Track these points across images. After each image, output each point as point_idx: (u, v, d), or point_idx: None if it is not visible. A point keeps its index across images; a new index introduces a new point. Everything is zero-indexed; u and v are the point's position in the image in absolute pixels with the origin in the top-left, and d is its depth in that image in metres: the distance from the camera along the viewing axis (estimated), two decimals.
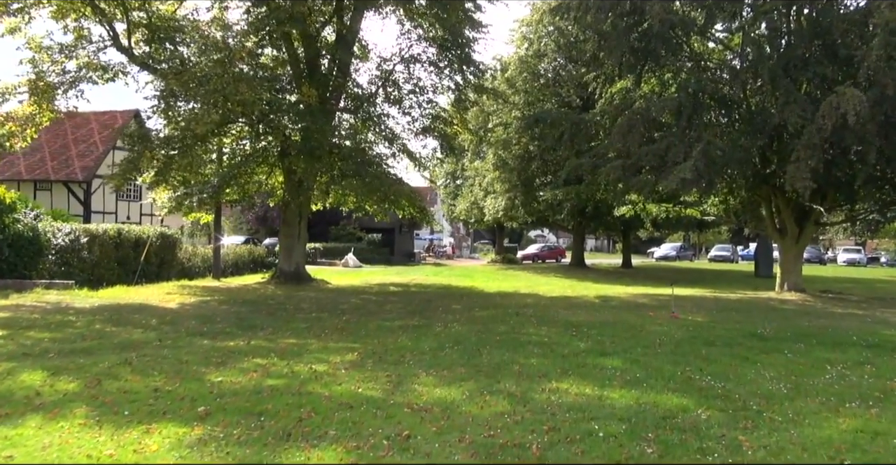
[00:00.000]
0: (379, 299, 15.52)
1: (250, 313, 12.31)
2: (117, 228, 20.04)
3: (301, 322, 11.19)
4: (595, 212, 29.42)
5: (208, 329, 9.98)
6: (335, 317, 12.00)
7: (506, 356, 8.03)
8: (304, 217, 20.47)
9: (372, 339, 9.30)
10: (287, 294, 16.33)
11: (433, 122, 19.24)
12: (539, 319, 11.75)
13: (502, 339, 9.38)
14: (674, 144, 14.95)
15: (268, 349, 8.21)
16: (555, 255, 48.86)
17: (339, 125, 19.67)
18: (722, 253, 53.52)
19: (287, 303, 14.06)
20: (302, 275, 20.31)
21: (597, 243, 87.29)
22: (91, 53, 16.37)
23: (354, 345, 8.73)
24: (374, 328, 10.48)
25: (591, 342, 9.24)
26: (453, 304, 14.62)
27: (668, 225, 32.13)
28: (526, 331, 10.26)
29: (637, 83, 16.81)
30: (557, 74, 30.26)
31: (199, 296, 15.33)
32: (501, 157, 28.84)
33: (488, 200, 31.48)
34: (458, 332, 10.03)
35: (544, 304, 14.49)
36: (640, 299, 16.03)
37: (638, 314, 12.66)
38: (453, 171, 44.31)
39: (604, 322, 11.35)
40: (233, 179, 17.75)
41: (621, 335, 9.90)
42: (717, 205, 20.56)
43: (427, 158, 20.76)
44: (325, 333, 9.95)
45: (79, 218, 26.82)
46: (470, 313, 12.78)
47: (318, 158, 15.29)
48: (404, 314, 12.54)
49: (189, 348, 8.21)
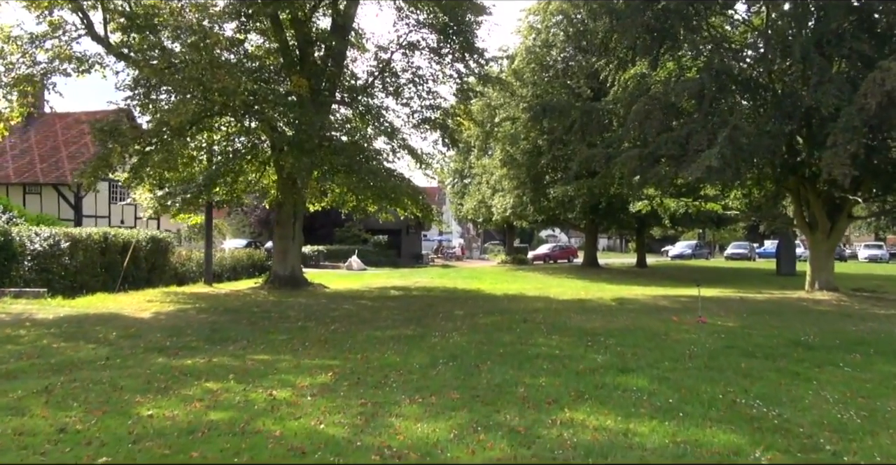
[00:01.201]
0: (375, 305, 14.28)
1: (229, 322, 11.11)
2: (103, 232, 18.93)
3: (282, 333, 9.97)
4: (608, 209, 27.99)
5: (171, 343, 8.77)
6: (322, 326, 10.76)
7: (509, 375, 6.74)
8: (300, 218, 19.27)
9: (355, 354, 8.04)
10: (277, 300, 15.12)
11: (434, 112, 17.96)
12: (549, 326, 10.44)
13: (506, 352, 8.08)
14: (695, 131, 13.57)
15: (228, 369, 6.97)
16: (566, 255, 47.41)
17: (334, 118, 18.45)
18: (739, 251, 51.71)
19: (273, 310, 12.84)
20: (298, 279, 19.11)
21: (609, 243, 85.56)
22: (64, 43, 15.23)
23: (332, 362, 7.47)
24: (361, 340, 9.22)
25: (609, 355, 7.93)
26: (456, 309, 13.34)
27: (685, 222, 30.61)
28: (534, 341, 8.96)
29: (653, 67, 15.43)
30: (567, 65, 28.87)
31: (180, 304, 14.17)
32: (509, 152, 27.51)
33: (496, 199, 30.15)
34: (457, 344, 8.74)
35: (555, 308, 13.17)
36: (661, 302, 14.66)
37: (660, 319, 11.32)
38: (461, 169, 43.02)
39: (623, 329, 10.03)
40: (220, 178, 16.56)
41: (644, 345, 8.57)
42: (740, 198, 19.06)
43: (430, 155, 19.40)
44: (305, 346, 8.71)
45: (69, 222, 25.85)
46: (473, 319, 11.49)
47: (308, 153, 14.06)
48: (399, 322, 11.28)
49: (136, 368, 6.99)
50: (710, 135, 13.43)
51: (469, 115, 19.62)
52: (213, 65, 12.89)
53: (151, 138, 14.01)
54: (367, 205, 20.10)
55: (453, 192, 44.92)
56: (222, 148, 17.41)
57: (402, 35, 18.32)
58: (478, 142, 30.81)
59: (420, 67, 18.59)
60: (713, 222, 33.19)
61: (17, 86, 15.25)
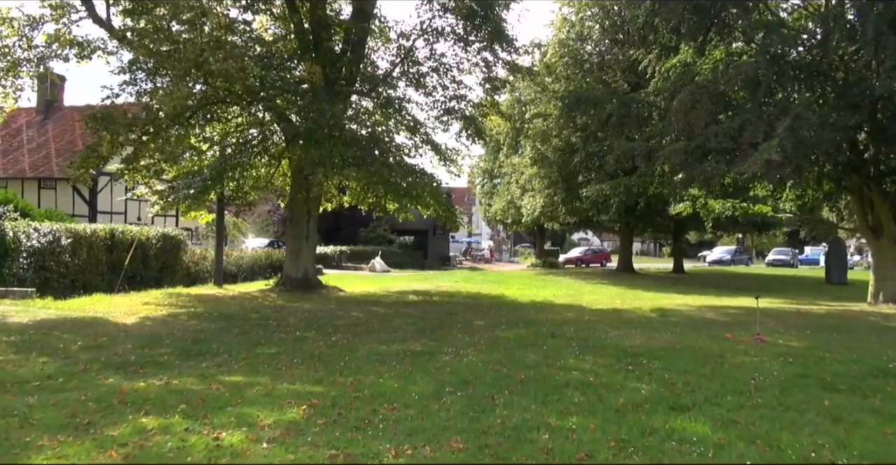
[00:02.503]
0: (388, 313, 12.97)
1: (218, 331, 9.90)
2: (110, 229, 18.02)
3: (272, 345, 8.71)
4: (645, 211, 26.23)
5: (138, 357, 7.57)
6: (321, 337, 9.49)
7: (531, 412, 5.33)
8: (314, 216, 18.10)
9: (347, 376, 6.71)
10: (283, 305, 13.94)
11: (458, 102, 16.58)
12: (582, 342, 8.97)
13: (529, 377, 6.66)
14: (750, 122, 11.92)
15: (185, 396, 5.71)
16: (599, 259, 45.52)
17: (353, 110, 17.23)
18: (781, 257, 49.21)
19: (273, 317, 11.62)
20: (310, 281, 17.94)
21: (642, 247, 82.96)
22: (63, 26, 14.28)
23: (315, 388, 6.15)
24: (360, 356, 7.90)
25: (655, 384, 6.45)
26: (476, 319, 11.94)
27: (727, 226, 28.63)
28: (564, 362, 7.52)
29: (700, 52, 13.78)
30: (602, 59, 27.24)
31: (176, 307, 13.07)
32: (540, 150, 25.97)
33: (526, 199, 28.61)
34: (471, 364, 7.35)
35: (588, 320, 11.67)
36: (707, 314, 13.02)
37: (710, 336, 9.74)
38: (490, 169, 41.58)
39: (668, 348, 8.50)
40: (227, 172, 15.46)
41: (697, 371, 7.06)
42: (794, 200, 17.20)
43: (455, 151, 18.03)
44: (292, 364, 7.42)
45: (84, 219, 25.21)
46: (494, 332, 10.07)
47: (318, 144, 12.83)
48: (410, 334, 9.93)
49: (73, 392, 5.77)
50: (766, 126, 11.77)
51: (496, 107, 18.19)
52: (213, 46, 11.74)
53: (145, 126, 12.93)
54: (386, 202, 18.86)
55: (482, 192, 43.45)
56: (235, 139, 16.30)
57: (426, 21, 17.03)
58: (507, 139, 29.35)
59: (444, 55, 17.27)
60: (756, 227, 31.05)
61: (12, 71, 14.41)
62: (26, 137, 28.95)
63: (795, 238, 63.72)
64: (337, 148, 12.67)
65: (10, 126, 29.67)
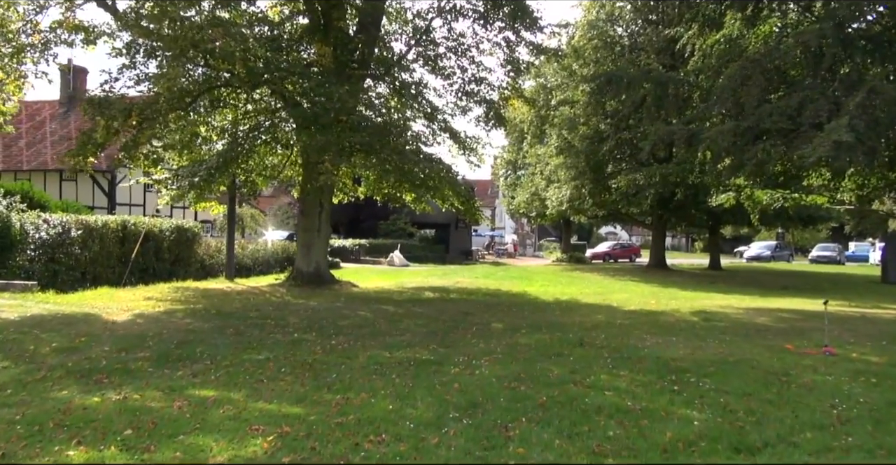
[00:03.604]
0: (399, 312, 11.91)
1: (210, 331, 8.96)
2: (122, 221, 17.34)
3: (264, 350, 7.72)
4: (680, 203, 24.69)
5: (110, 362, 6.64)
6: (321, 340, 8.48)
7: (553, 452, 4.20)
8: (326, 208, 17.12)
9: (336, 392, 5.66)
10: (288, 302, 13.00)
11: (477, 84, 15.40)
12: (614, 353, 7.78)
13: (552, 399, 5.51)
14: (811, 99, 10.49)
15: (138, 416, 4.71)
16: (628, 254, 43.75)
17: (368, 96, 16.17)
18: (826, 253, 46.69)
19: (274, 316, 10.65)
20: (322, 276, 17.01)
21: (673, 241, 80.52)
22: (66, 10, 13.53)
23: (293, 409, 5.09)
24: (357, 366, 6.85)
25: (710, 411, 5.25)
26: (494, 321, 10.81)
27: (771, 219, 26.86)
28: (593, 379, 6.35)
29: (749, 23, 12.32)
30: (634, 41, 25.69)
31: (178, 303, 12.21)
32: (566, 139, 24.59)
33: (551, 191, 27.25)
34: (483, 380, 6.23)
35: (621, 324, 10.44)
36: (756, 318, 11.66)
37: (766, 346, 8.45)
38: (514, 160, 40.20)
39: (719, 362, 7.26)
40: (234, 161, 14.55)
41: (759, 394, 5.83)
42: (854, 189, 15.57)
43: (475, 139, 16.87)
44: (279, 373, 6.41)
45: (103, 210, 24.71)
46: (513, 338, 8.93)
47: (324, 129, 11.80)
48: (419, 338, 8.86)
49: (14, 408, 4.85)
50: (831, 104, 10.35)
51: (519, 91, 16.94)
52: (212, 23, 10.77)
53: (143, 111, 12.04)
54: (402, 194, 17.80)
55: (505, 184, 42.09)
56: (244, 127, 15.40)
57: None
58: (531, 128, 27.99)
59: (463, 35, 16.09)
60: (802, 221, 29.16)
61: (16, 57, 13.73)
62: (49, 129, 28.67)
63: (839, 233, 60.87)
64: (344, 133, 11.63)
65: (34, 119, 29.43)
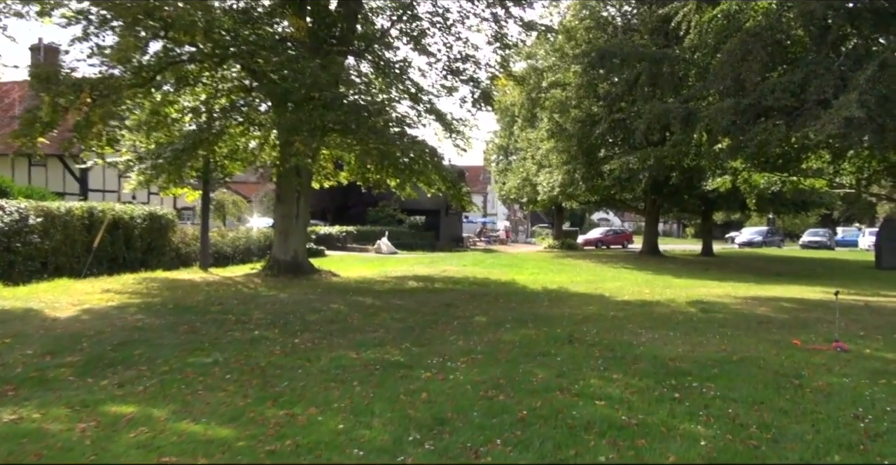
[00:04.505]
0: (378, 303, 11.10)
1: (160, 329, 8.12)
2: (87, 208, 16.43)
3: (215, 351, 6.89)
4: (674, 188, 23.93)
5: (26, 370, 5.81)
6: (283, 338, 7.66)
7: None
8: (305, 193, 16.27)
9: (281, 406, 4.85)
10: (258, 294, 12.16)
11: (463, 62, 14.49)
12: (607, 351, 7.01)
13: (534, 412, 4.73)
14: (816, 74, 9.70)
15: (14, 446, 3.88)
16: (621, 240, 43.09)
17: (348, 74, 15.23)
18: (816, 238, 46.29)
19: (238, 310, 9.81)
20: (301, 265, 16.17)
21: (665, 227, 80.00)
22: None
23: (221, 432, 4.27)
24: (316, 371, 6.04)
25: (717, 425, 4.48)
26: (478, 314, 10.02)
27: (765, 205, 26.20)
28: (583, 384, 5.57)
29: None
30: (627, 21, 24.76)
31: (137, 296, 11.34)
32: (558, 122, 23.72)
33: (542, 176, 26.43)
34: (457, 387, 5.44)
35: (613, 316, 9.68)
36: (757, 308, 10.93)
37: (771, 341, 7.70)
38: (505, 145, 39.31)
39: (722, 362, 6.50)
40: (202, 143, 13.62)
41: (771, 402, 5.07)
42: (854, 172, 14.84)
43: (462, 121, 15.98)
44: (222, 382, 5.60)
45: (74, 197, 23.68)
46: (496, 334, 8.15)
47: (296, 107, 10.89)
48: (393, 335, 8.06)
49: None
50: (837, 79, 9.55)
51: (508, 70, 16.04)
52: None
53: (97, 87, 11.07)
54: (385, 178, 16.93)
55: (497, 170, 41.24)
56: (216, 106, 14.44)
57: None
58: (522, 111, 27.09)
59: (448, 10, 15.15)
60: (795, 206, 28.53)
61: None
62: (18, 111, 27.46)
63: (828, 219, 60.65)
64: (317, 111, 10.72)
65: (2, 101, 28.09)
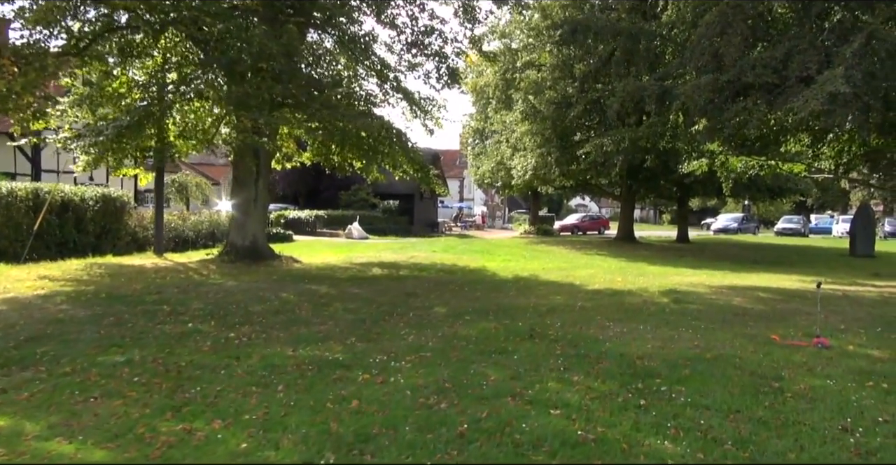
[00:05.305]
0: (332, 293, 10.37)
1: (81, 322, 7.32)
2: (33, 189, 15.43)
3: (134, 348, 6.13)
4: (650, 173, 23.43)
5: None
6: (217, 332, 6.92)
7: None
8: (264, 174, 15.41)
9: (182, 420, 4.13)
10: (206, 281, 11.35)
11: (427, 36, 13.67)
12: (570, 347, 6.38)
13: (477, 424, 4.07)
14: (798, 49, 9.10)
15: None
16: (597, 226, 42.77)
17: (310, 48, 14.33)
18: (791, 225, 46.44)
19: (176, 300, 9.02)
20: (260, 251, 15.37)
21: (642, 213, 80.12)
22: None
23: (97, 453, 3.55)
24: (241, 372, 5.32)
25: (686, 441, 3.86)
26: (438, 304, 9.35)
27: (741, 191, 25.85)
28: (539, 388, 4.93)
29: None
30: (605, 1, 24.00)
31: (70, 284, 10.48)
32: (532, 103, 23.00)
33: (516, 159, 25.73)
34: (393, 392, 4.76)
35: (581, 307, 9.07)
36: (733, 298, 10.42)
37: (748, 336, 7.15)
38: (482, 128, 38.46)
39: (695, 360, 5.91)
40: (148, 118, 12.68)
41: (749, 410, 4.47)
42: (833, 157, 14.38)
43: (430, 100, 15.18)
44: (126, 386, 4.85)
45: (26, 178, 22.45)
46: (453, 327, 7.48)
47: (242, 79, 10.02)
48: (341, 328, 7.35)
49: None
50: (821, 55, 8.97)
51: (478, 45, 15.24)
52: None
53: (18, 53, 10.08)
54: (349, 160, 16.14)
55: (472, 154, 40.44)
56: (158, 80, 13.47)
57: None
58: (496, 92, 26.31)
59: None
60: (771, 192, 28.25)
61: None
62: None
63: (802, 206, 61.07)
64: (265, 84, 9.86)
65: None
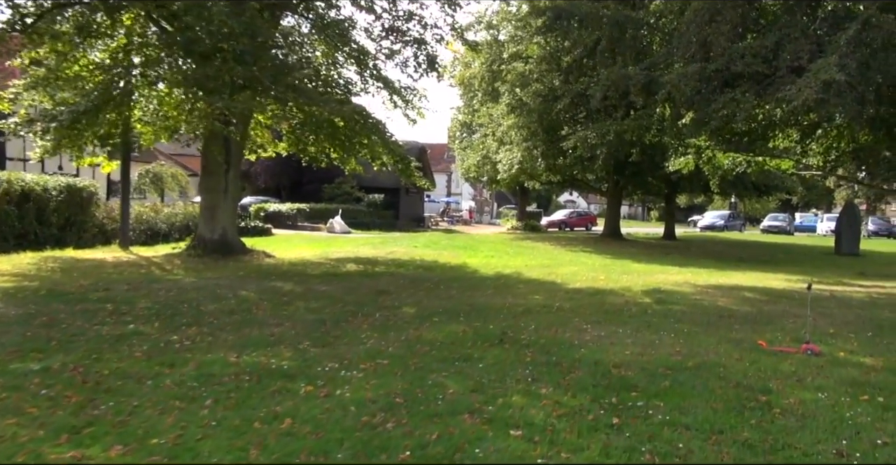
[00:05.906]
0: (298, 290, 9.78)
1: (10, 324, 6.70)
2: None
3: (57, 354, 5.52)
4: (636, 169, 22.98)
5: None
6: (160, 335, 6.32)
7: None
8: (234, 164, 14.75)
9: (75, 445, 3.55)
10: (163, 277, 10.72)
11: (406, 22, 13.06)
12: (541, 354, 5.85)
13: (420, 451, 3.52)
14: (790, 38, 8.61)
15: None
16: (584, 222, 42.38)
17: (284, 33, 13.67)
18: (776, 223, 46.44)
19: (123, 298, 8.39)
20: (230, 244, 14.73)
21: (630, 210, 79.96)
22: None
23: None
24: (170, 383, 4.74)
25: None
26: (409, 303, 8.79)
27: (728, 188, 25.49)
28: (501, 403, 4.38)
29: None
30: None
31: (14, 280, 9.82)
32: (518, 96, 22.45)
33: (502, 153, 25.20)
34: (336, 408, 4.19)
35: (559, 308, 8.55)
36: (718, 299, 9.94)
37: (733, 341, 6.65)
38: (469, 122, 37.85)
39: (675, 369, 5.40)
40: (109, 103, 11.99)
41: (734, 430, 3.96)
42: (822, 153, 13.96)
43: (410, 89, 14.59)
44: (28, 402, 4.26)
45: None
46: (419, 329, 6.93)
47: (202, 59, 9.38)
48: (297, 330, 6.77)
49: None
50: (812, 44, 8.48)
51: (460, 32, 14.63)
52: None
53: None
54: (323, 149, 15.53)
55: (459, 147, 39.85)
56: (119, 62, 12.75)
57: None
58: (482, 84, 25.73)
59: None
60: (758, 189, 27.93)
61: None
62: None
63: (787, 204, 61.14)
64: (226, 65, 9.23)
65: None
